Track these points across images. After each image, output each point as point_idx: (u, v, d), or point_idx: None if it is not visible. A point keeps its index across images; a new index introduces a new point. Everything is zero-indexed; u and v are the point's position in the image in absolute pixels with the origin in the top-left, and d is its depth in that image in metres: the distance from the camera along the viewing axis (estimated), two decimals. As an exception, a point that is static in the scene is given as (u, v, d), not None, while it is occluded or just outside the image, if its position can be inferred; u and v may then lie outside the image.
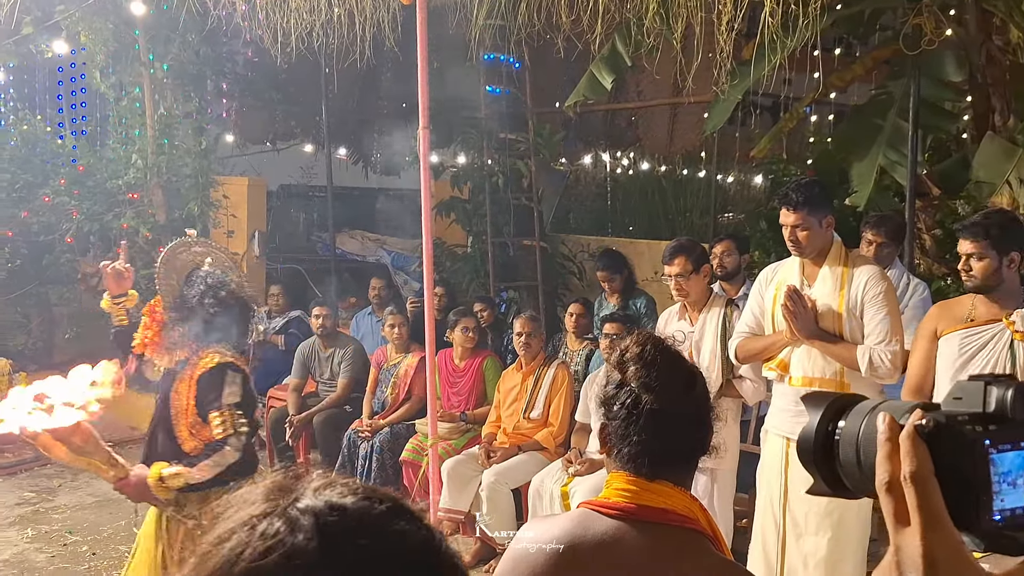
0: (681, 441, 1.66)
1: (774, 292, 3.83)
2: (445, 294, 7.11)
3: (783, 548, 3.79)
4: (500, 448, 5.65)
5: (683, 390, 1.67)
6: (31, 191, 8.42)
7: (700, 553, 1.61)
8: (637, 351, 1.68)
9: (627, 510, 1.61)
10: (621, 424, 1.64)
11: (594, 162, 10.71)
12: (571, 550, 1.59)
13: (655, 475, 1.63)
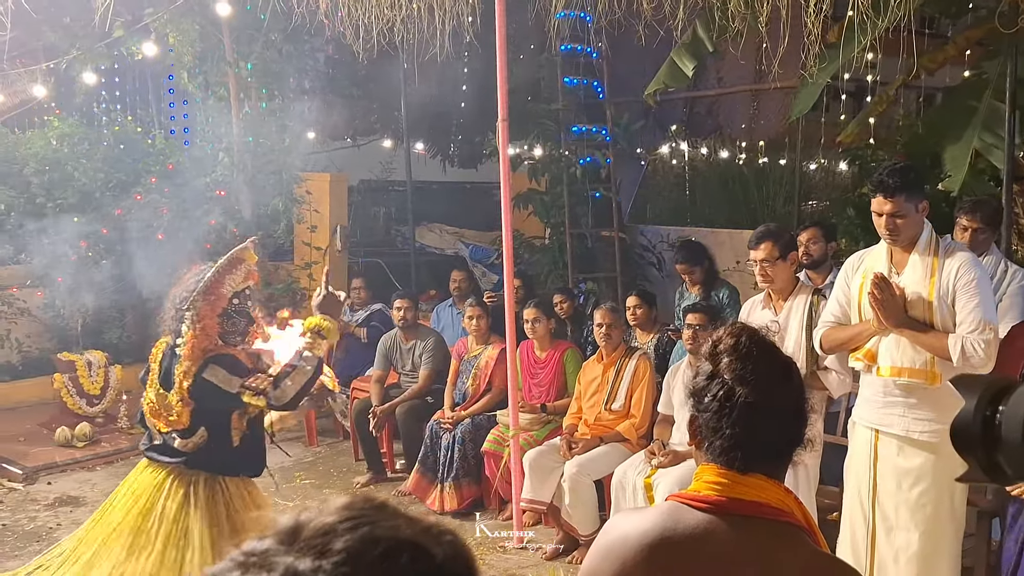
0: (776, 434, 1.62)
1: (860, 280, 3.73)
2: (522, 286, 7.12)
3: (872, 542, 3.70)
4: (582, 439, 5.65)
5: (779, 383, 1.63)
6: (124, 190, 8.68)
7: (795, 546, 1.57)
8: (731, 343, 1.64)
9: (718, 503, 1.59)
10: (713, 417, 1.61)
11: (673, 151, 10.60)
12: (662, 543, 1.57)
13: (748, 468, 1.60)
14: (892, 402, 3.64)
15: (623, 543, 1.61)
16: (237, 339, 3.42)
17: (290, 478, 6.98)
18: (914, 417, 3.58)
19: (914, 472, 3.59)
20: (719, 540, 1.56)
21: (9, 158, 8.47)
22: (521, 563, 5.11)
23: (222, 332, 3.37)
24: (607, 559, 1.62)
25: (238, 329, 3.41)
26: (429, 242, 10.71)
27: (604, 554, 1.63)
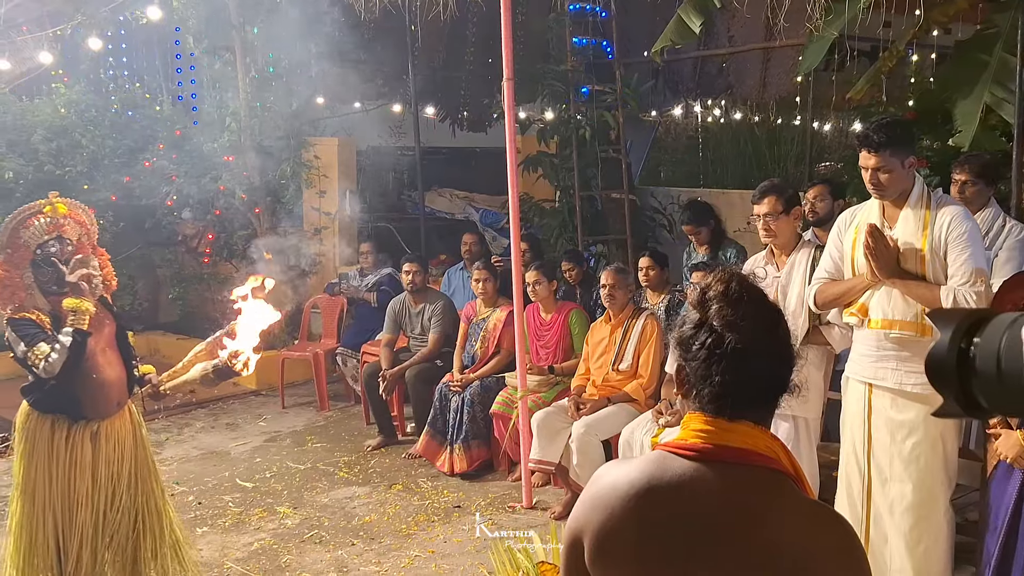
0: (764, 381, 1.60)
1: (853, 235, 3.72)
2: (531, 249, 7.10)
3: (868, 495, 3.73)
4: (589, 400, 5.65)
5: (768, 329, 1.60)
6: (132, 156, 8.69)
7: (782, 492, 1.56)
8: (721, 289, 1.61)
9: (705, 451, 1.57)
10: (702, 365, 1.58)
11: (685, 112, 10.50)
12: (649, 491, 1.56)
13: (736, 415, 1.58)
14: (885, 356, 3.66)
15: (611, 492, 1.60)
16: (53, 287, 3.59)
17: (302, 442, 7.04)
18: (907, 370, 3.59)
19: (907, 424, 3.62)
20: (706, 487, 1.55)
21: (17, 126, 8.48)
22: (530, 523, 5.13)
23: (36, 282, 3.58)
24: (595, 508, 1.61)
25: (50, 278, 3.57)
26: (439, 207, 10.67)
27: (592, 504, 1.62)
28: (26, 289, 3.56)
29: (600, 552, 1.58)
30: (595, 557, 1.59)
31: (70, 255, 3.60)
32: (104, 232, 8.58)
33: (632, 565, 1.56)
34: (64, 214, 3.64)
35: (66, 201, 3.70)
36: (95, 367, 3.64)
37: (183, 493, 5.99)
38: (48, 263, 3.56)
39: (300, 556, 5.03)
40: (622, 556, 1.56)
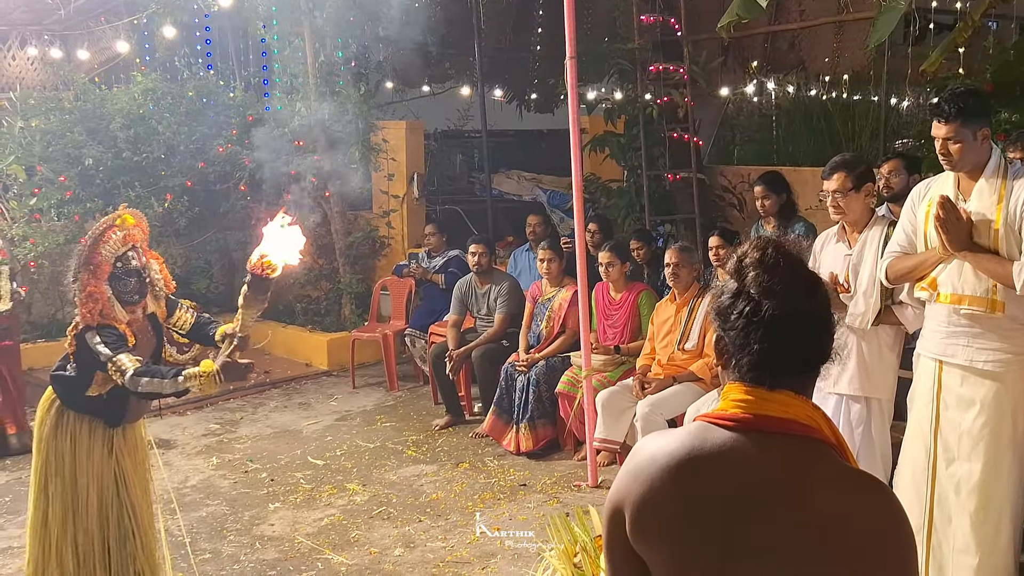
0: (804, 349, 1.57)
1: (927, 208, 3.62)
2: (599, 229, 7.08)
3: (934, 474, 3.64)
4: (655, 379, 5.63)
5: (806, 295, 1.57)
6: (207, 142, 8.88)
7: (824, 462, 1.53)
8: (757, 256, 1.58)
9: (744, 420, 1.55)
10: (739, 334, 1.56)
11: (756, 89, 10.31)
12: (689, 462, 1.55)
13: (776, 384, 1.56)
14: (955, 332, 3.57)
15: (651, 463, 1.58)
16: (135, 297, 3.71)
17: (371, 421, 7.15)
18: (977, 347, 3.51)
19: (977, 402, 3.52)
20: (746, 457, 1.53)
21: (96, 114, 8.73)
22: (595, 501, 5.13)
23: (116, 294, 3.65)
24: (636, 480, 1.59)
25: (131, 288, 3.68)
26: (506, 188, 10.69)
27: (633, 475, 1.61)
28: (107, 302, 3.64)
29: (641, 523, 1.57)
30: (636, 528, 1.58)
31: (143, 264, 3.75)
32: (180, 217, 8.85)
33: (673, 536, 1.55)
34: (133, 224, 3.76)
35: (133, 212, 3.82)
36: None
37: (256, 470, 6.14)
38: (130, 274, 3.67)
39: (368, 532, 5.13)
40: (663, 527, 1.55)
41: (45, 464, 3.71)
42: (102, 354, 3.51)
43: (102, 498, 3.73)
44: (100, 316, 3.59)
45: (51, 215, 8.47)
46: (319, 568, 4.72)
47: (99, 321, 3.58)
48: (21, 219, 8.20)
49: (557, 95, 9.82)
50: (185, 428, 7.06)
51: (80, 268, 3.63)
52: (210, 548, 5.00)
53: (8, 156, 8.16)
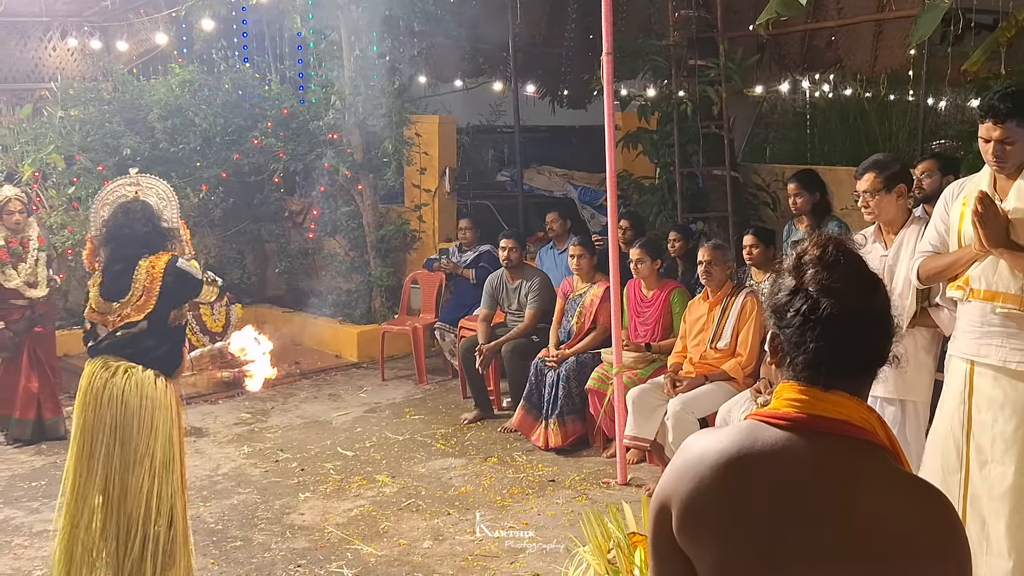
0: (861, 349, 1.54)
1: (961, 207, 3.58)
2: (631, 226, 7.05)
3: (966, 477, 3.58)
4: (686, 377, 5.61)
5: (865, 294, 1.55)
6: (242, 135, 8.95)
7: (879, 465, 1.51)
8: (817, 253, 1.57)
9: (798, 420, 1.53)
10: (796, 332, 1.54)
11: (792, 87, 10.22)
12: (739, 460, 1.53)
13: (831, 384, 1.54)
14: (989, 332, 3.51)
15: (700, 461, 1.57)
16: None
17: (400, 413, 7.18)
18: (1012, 347, 3.45)
19: (1010, 403, 3.47)
20: (797, 457, 1.51)
21: (135, 105, 8.82)
22: (625, 498, 5.11)
23: None
24: (684, 477, 1.58)
25: None
26: (538, 184, 10.68)
27: (681, 472, 1.59)
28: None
29: (688, 521, 1.56)
30: (683, 526, 1.56)
31: None
32: (215, 208, 8.93)
33: (720, 535, 1.53)
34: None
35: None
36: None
37: (287, 459, 6.19)
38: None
39: (397, 523, 5.15)
40: (710, 525, 1.53)
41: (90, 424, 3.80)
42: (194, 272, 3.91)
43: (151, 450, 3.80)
44: None
45: (88, 204, 8.56)
46: (348, 558, 4.74)
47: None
48: (59, 207, 8.31)
49: (590, 91, 9.76)
50: (217, 416, 7.13)
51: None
52: (241, 536, 5.04)
53: (48, 145, 8.27)
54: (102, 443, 3.75)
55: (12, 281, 6.34)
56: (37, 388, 6.53)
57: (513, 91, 9.59)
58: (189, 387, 7.46)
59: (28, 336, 6.50)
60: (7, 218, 6.38)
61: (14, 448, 6.46)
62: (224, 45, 9.56)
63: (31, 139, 8.32)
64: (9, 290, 6.38)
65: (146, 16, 8.85)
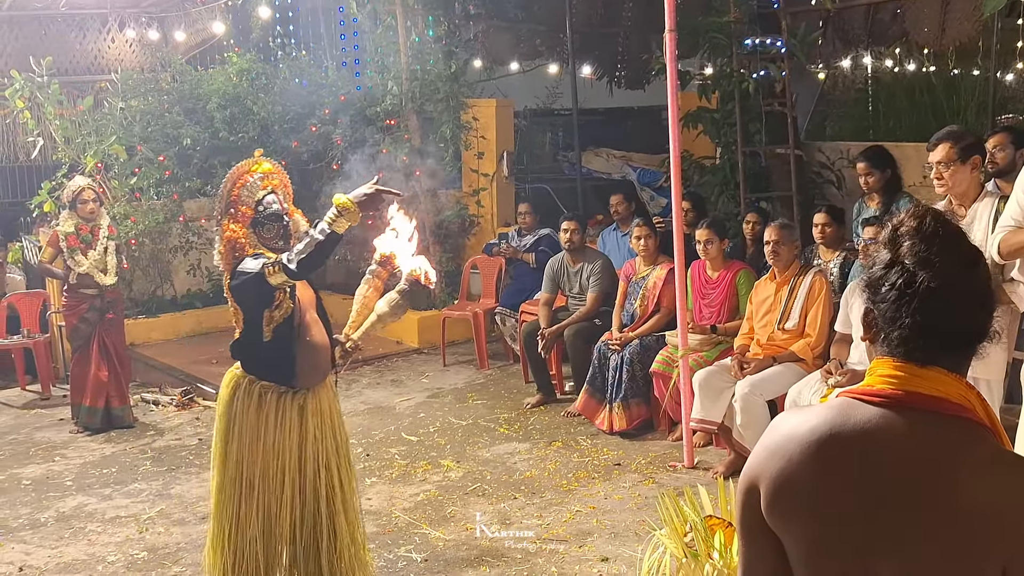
0: (960, 324, 1.48)
1: None
2: (693, 207, 6.95)
3: None
4: (754, 359, 5.50)
5: (965, 268, 1.49)
6: (299, 122, 8.99)
7: (977, 444, 1.45)
8: (914, 224, 1.51)
9: (894, 397, 1.47)
10: (891, 306, 1.48)
11: (855, 63, 9.99)
12: (831, 439, 1.48)
13: (928, 360, 1.48)
14: None
15: (789, 440, 1.52)
16: (279, 243, 3.59)
17: (463, 399, 7.17)
18: None
19: None
20: (893, 435, 1.45)
21: (194, 95, 8.91)
22: (692, 481, 5.05)
23: (260, 240, 3.57)
24: (773, 456, 1.53)
25: (275, 234, 3.59)
26: (596, 167, 10.59)
27: (770, 451, 1.55)
28: (255, 249, 3.53)
29: (777, 501, 1.51)
30: (772, 506, 1.52)
31: (287, 212, 3.65)
32: (274, 195, 8.97)
33: (811, 515, 1.49)
34: (271, 171, 3.68)
35: (270, 161, 3.75)
36: (306, 329, 3.59)
37: (352, 445, 6.17)
38: (271, 218, 3.57)
39: (464, 508, 5.14)
40: (801, 505, 1.49)
41: (226, 432, 3.60)
42: (252, 267, 3.37)
43: (285, 469, 3.57)
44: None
45: (150, 194, 8.70)
46: (416, 543, 4.74)
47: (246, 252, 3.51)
48: (122, 198, 8.43)
49: (648, 71, 9.63)
50: (281, 403, 7.17)
51: (222, 213, 3.58)
52: (309, 520, 5.05)
53: (110, 136, 8.39)
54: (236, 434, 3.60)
55: (82, 266, 6.45)
56: (107, 377, 6.63)
57: (571, 73, 9.50)
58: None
59: (99, 325, 6.60)
60: (81, 207, 6.50)
61: (85, 436, 6.58)
62: (280, 33, 9.61)
63: (93, 130, 8.46)
64: (80, 281, 6.49)
65: (203, 6, 8.92)
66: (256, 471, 3.55)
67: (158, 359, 8.17)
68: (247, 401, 3.56)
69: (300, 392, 3.62)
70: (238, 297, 3.54)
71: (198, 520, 5.10)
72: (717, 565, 3.19)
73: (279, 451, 3.56)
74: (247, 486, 3.56)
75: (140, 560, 4.69)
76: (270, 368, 3.59)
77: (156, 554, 4.75)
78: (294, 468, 3.59)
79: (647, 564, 3.52)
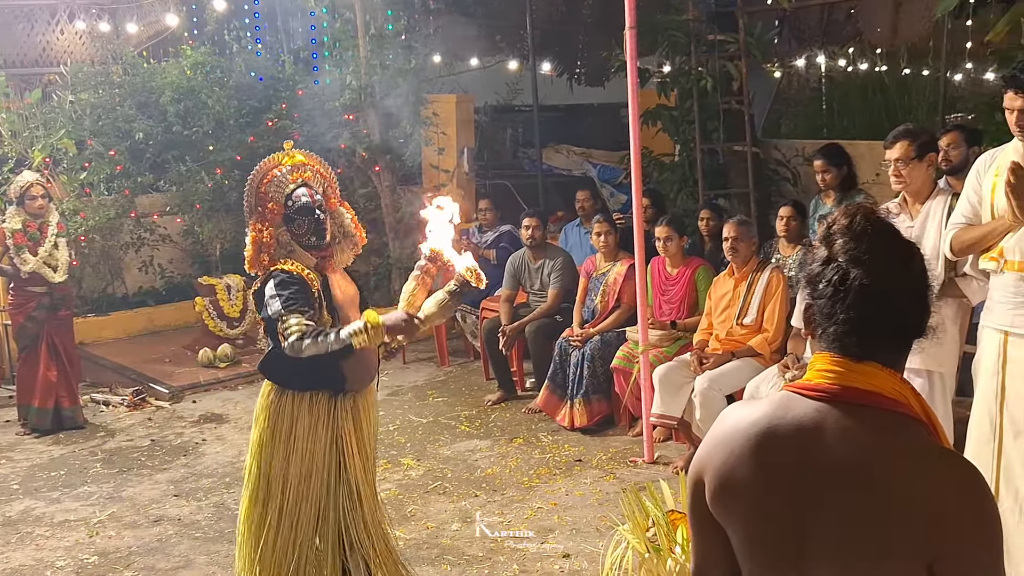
0: (894, 320, 1.52)
1: (993, 178, 3.55)
2: (652, 204, 6.96)
3: (999, 447, 3.56)
4: (713, 354, 5.53)
5: (898, 265, 1.53)
6: (256, 116, 8.86)
7: (910, 438, 1.49)
8: (845, 223, 1.55)
9: (830, 391, 1.51)
10: (827, 302, 1.53)
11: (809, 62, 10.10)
12: (769, 432, 1.52)
13: (864, 356, 1.52)
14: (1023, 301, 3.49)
15: (732, 432, 1.57)
16: (312, 239, 3.35)
17: (423, 396, 7.12)
18: None
19: None
20: (828, 428, 1.49)
21: (146, 88, 8.74)
22: (653, 476, 5.06)
23: (294, 237, 3.34)
24: (717, 449, 1.59)
25: (307, 229, 3.33)
26: (556, 163, 10.60)
27: (714, 443, 1.60)
28: (286, 247, 3.32)
29: (720, 491, 1.56)
30: (716, 496, 1.57)
31: (322, 205, 3.38)
32: (230, 191, 8.83)
33: (751, 505, 1.54)
34: (302, 162, 3.42)
35: (303, 152, 3.50)
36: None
37: (309, 443, 6.12)
38: (301, 212, 3.31)
39: (425, 506, 5.09)
40: (741, 496, 1.54)
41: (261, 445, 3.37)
42: (273, 309, 3.15)
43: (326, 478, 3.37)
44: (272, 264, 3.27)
45: (101, 189, 8.52)
46: (377, 541, 4.68)
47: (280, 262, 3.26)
48: (72, 193, 8.25)
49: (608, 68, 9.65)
50: (237, 403, 7.07)
51: (250, 212, 3.35)
52: (267, 520, 4.98)
53: (59, 130, 8.20)
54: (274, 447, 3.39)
55: (28, 264, 6.28)
56: (56, 377, 6.48)
57: (531, 69, 9.48)
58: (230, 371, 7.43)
59: (47, 324, 6.44)
60: (30, 203, 6.33)
61: (33, 438, 6.42)
62: (236, 26, 9.46)
63: (41, 124, 8.25)
64: (28, 278, 6.33)
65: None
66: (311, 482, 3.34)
67: (109, 358, 8.01)
68: (294, 412, 3.32)
69: (349, 395, 3.40)
70: (261, 310, 3.29)
71: (150, 523, 5.00)
72: (679, 560, 3.18)
73: (331, 459, 3.35)
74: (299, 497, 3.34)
75: (90, 565, 4.58)
76: (314, 381, 3.32)
77: (107, 558, 4.64)
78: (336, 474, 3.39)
79: (610, 559, 3.52)
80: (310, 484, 3.34)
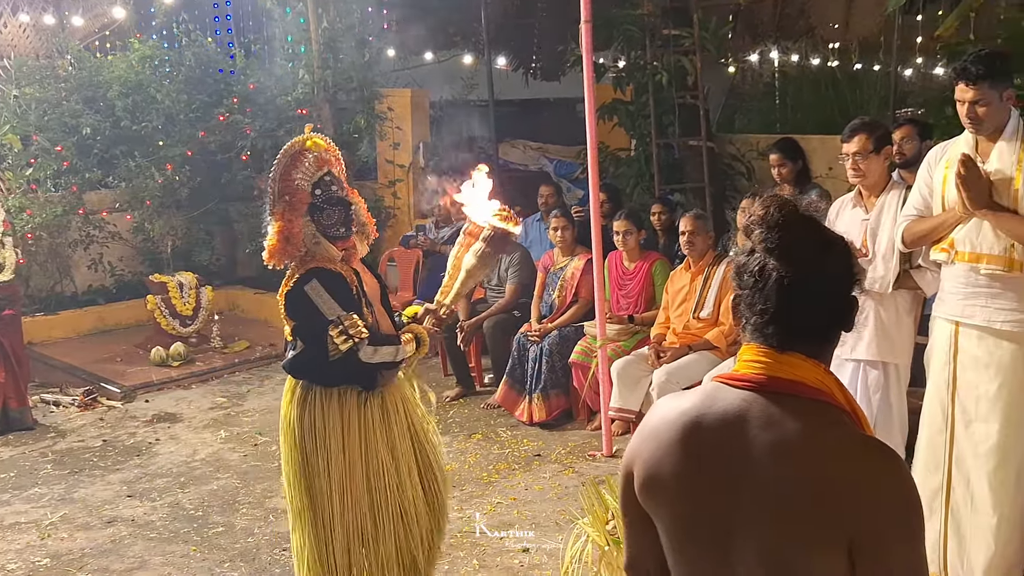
0: (814, 312, 1.53)
1: (944, 170, 3.62)
2: (609, 199, 6.98)
3: (951, 436, 3.64)
4: (670, 348, 5.56)
5: (815, 256, 1.53)
6: (207, 111, 8.72)
7: (831, 425, 1.51)
8: (760, 213, 1.55)
9: (756, 381, 1.53)
10: (750, 293, 1.54)
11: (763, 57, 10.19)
12: (696, 421, 1.54)
13: (785, 346, 1.53)
14: (974, 292, 3.57)
15: (661, 423, 1.59)
16: (342, 230, 3.22)
17: (379, 393, 7.04)
18: (996, 307, 3.52)
19: (995, 363, 3.53)
20: (753, 417, 1.51)
21: (94, 82, 8.56)
22: (612, 470, 5.06)
23: (319, 228, 3.19)
24: (646, 440, 1.60)
25: (336, 219, 3.20)
26: (513, 158, 10.58)
27: (644, 436, 1.61)
28: (312, 239, 3.18)
29: (648, 482, 1.58)
30: (643, 487, 1.59)
31: (345, 195, 3.24)
32: (181, 187, 8.69)
33: (677, 494, 1.55)
34: (326, 148, 3.27)
35: (323, 137, 3.32)
36: (375, 326, 3.25)
37: (266, 443, 6.05)
38: (331, 202, 3.17)
39: (383, 503, 5.04)
40: (670, 485, 1.55)
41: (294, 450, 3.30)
42: (331, 311, 3.04)
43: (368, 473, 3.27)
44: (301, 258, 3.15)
45: (47, 186, 8.33)
46: (335, 540, 4.63)
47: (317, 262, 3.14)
48: (17, 190, 8.05)
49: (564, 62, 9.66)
50: (191, 402, 6.96)
51: (273, 202, 3.16)
52: (223, 521, 4.92)
53: (3, 125, 8.01)
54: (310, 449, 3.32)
55: (-27, 263, 6.13)
56: (3, 377, 6.32)
57: (487, 63, 9.45)
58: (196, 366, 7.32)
59: (-6, 324, 6.28)
60: (-28, 201, 6.16)
61: (-20, 439, 6.26)
62: (185, 19, 9.29)
63: (-17, 119, 8.05)
64: (-28, 276, 6.17)
65: (104, -10, 8.59)
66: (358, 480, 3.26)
67: (59, 358, 7.84)
68: (325, 410, 3.23)
69: (378, 390, 3.30)
70: (293, 311, 3.18)
71: (103, 524, 4.90)
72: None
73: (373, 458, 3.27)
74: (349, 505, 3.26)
75: (42, 567, 4.48)
76: (345, 376, 3.21)
77: (59, 561, 4.54)
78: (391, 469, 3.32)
79: (570, 553, 3.51)
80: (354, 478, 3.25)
